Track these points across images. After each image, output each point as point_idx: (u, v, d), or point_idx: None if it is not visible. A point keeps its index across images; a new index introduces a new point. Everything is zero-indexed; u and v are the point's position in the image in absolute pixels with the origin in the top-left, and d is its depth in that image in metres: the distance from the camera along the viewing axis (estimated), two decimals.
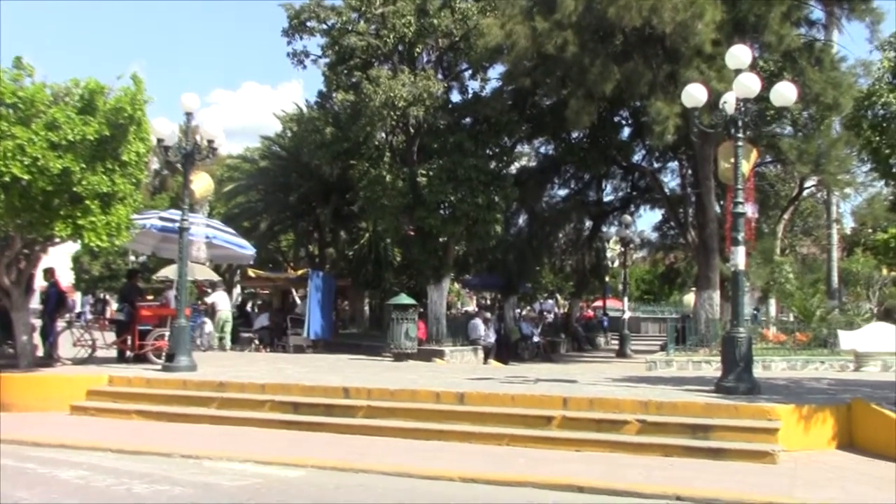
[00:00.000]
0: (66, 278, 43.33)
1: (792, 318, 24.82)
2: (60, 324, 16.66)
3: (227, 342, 22.49)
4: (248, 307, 30.91)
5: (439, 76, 23.35)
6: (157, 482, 8.12)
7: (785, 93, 12.14)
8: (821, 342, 19.11)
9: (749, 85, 11.78)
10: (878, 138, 11.64)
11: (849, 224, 40.89)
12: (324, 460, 9.05)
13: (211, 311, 22.55)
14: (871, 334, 17.07)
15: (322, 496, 7.66)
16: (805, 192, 32.42)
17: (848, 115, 13.69)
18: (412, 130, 22.92)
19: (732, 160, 12.07)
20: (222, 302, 23.25)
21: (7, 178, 11.60)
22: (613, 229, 31.93)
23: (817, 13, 22.41)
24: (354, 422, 11.19)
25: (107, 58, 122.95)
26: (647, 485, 8.08)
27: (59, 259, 37.13)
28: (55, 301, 16.25)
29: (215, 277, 28.12)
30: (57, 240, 13.32)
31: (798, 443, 9.82)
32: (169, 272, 23.71)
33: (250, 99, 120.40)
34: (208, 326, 21.60)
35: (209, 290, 27.17)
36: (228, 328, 22.70)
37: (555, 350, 29.01)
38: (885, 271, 29.66)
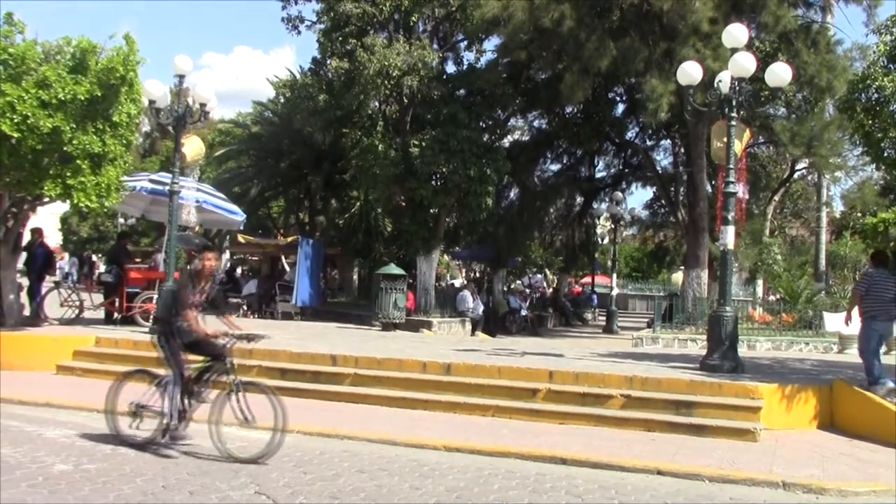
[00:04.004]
0: (53, 239, 43.27)
1: (776, 299, 24.97)
2: (47, 284, 16.61)
3: None
4: (237, 273, 30.86)
5: (434, 46, 23.21)
6: None
7: (780, 73, 12.16)
8: (806, 324, 19.26)
9: (744, 64, 11.78)
10: (870, 122, 11.67)
11: (838, 207, 41.10)
12: (309, 426, 9.09)
13: None
14: (856, 317, 17.17)
15: (307, 461, 7.71)
16: (796, 175, 32.55)
17: (841, 98, 13.69)
18: (406, 100, 22.80)
19: (725, 140, 12.10)
20: None
21: None
22: (604, 206, 31.93)
23: None
24: (341, 389, 11.25)
25: (97, 16, 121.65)
26: (629, 458, 8.17)
27: (47, 220, 37.05)
28: (42, 261, 16.19)
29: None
30: (46, 199, 13.25)
31: (779, 422, 9.94)
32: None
33: (242, 63, 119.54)
34: None
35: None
36: None
37: (542, 324, 29.13)
38: None
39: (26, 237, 15.24)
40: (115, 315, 16.15)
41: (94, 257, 43.01)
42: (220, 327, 7.99)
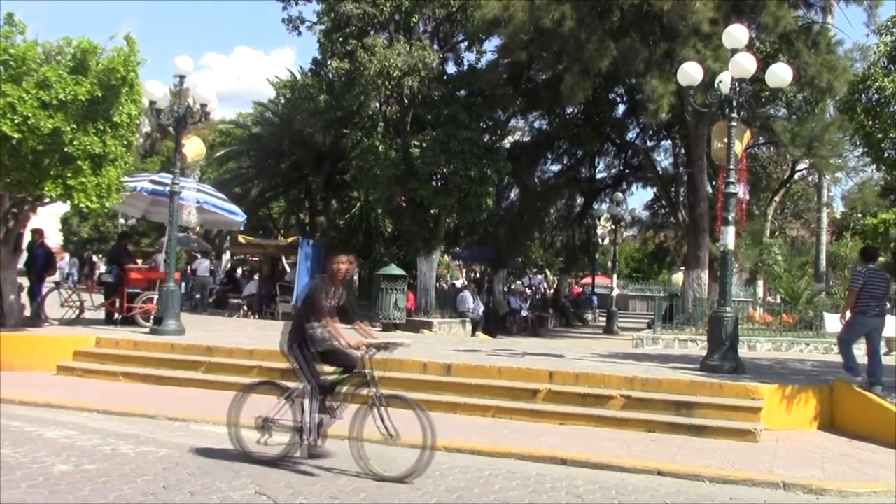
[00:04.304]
0: (54, 239, 43.28)
1: (779, 300, 24.95)
2: (48, 284, 16.62)
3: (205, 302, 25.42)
4: (238, 273, 30.87)
5: (435, 47, 23.22)
6: (143, 443, 8.16)
7: (780, 74, 12.16)
8: (806, 324, 19.25)
9: (745, 65, 11.79)
10: (870, 123, 11.67)
11: (839, 208, 41.06)
12: None
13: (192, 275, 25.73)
14: None
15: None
16: (796, 175, 32.54)
17: (842, 98, 13.69)
18: (406, 101, 22.80)
19: (725, 140, 12.11)
20: (202, 268, 26.30)
21: None
22: (605, 206, 31.95)
23: None
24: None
25: (98, 17, 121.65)
26: (629, 459, 8.17)
27: (48, 220, 37.05)
28: (43, 262, 16.19)
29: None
30: (46, 200, 13.26)
31: (780, 422, 9.94)
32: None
33: (243, 64, 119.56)
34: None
35: (198, 256, 27.46)
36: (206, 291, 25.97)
37: (542, 325, 29.13)
38: None
39: (27, 238, 15.24)
40: (116, 315, 16.13)
41: (95, 258, 43.06)
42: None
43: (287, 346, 7.48)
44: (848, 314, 10.77)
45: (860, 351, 10.90)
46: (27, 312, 14.91)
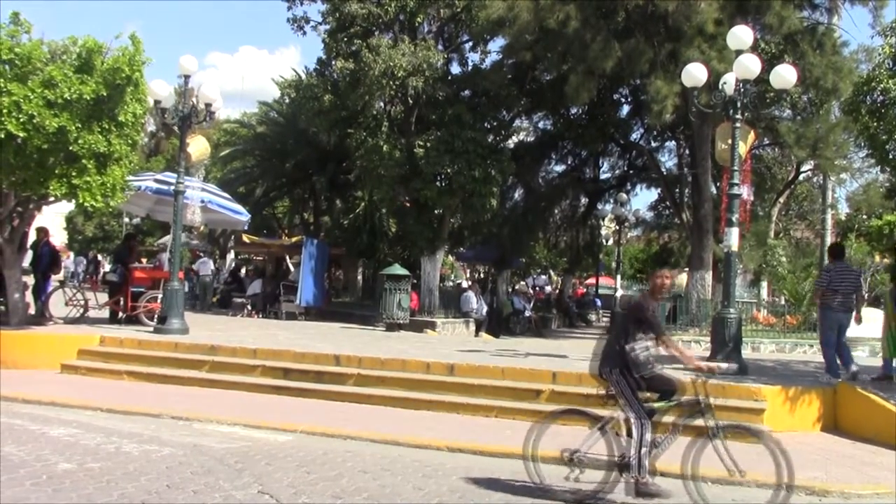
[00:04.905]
0: (59, 238, 43.40)
1: (783, 302, 24.93)
2: (53, 283, 16.66)
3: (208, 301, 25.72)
4: (242, 273, 30.93)
5: (440, 47, 23.21)
6: (146, 442, 8.18)
7: (785, 75, 12.15)
8: (811, 326, 19.22)
9: (749, 66, 11.78)
10: (875, 124, 11.65)
11: (843, 209, 40.94)
12: (313, 426, 9.12)
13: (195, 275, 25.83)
14: (865, 317, 17.16)
15: (310, 461, 7.72)
16: (801, 177, 32.48)
17: (847, 100, 13.67)
18: (411, 101, 22.80)
19: (730, 141, 12.10)
20: (204, 268, 26.22)
21: (2, 135, 11.53)
22: (609, 207, 31.87)
23: None
24: (344, 389, 11.26)
25: (103, 17, 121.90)
26: None
27: (53, 219, 37.16)
28: (48, 260, 16.23)
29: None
30: (51, 199, 13.29)
31: (783, 424, 9.93)
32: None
33: (248, 63, 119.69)
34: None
35: (202, 255, 27.62)
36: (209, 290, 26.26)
37: (546, 325, 29.07)
38: (877, 258, 29.76)
39: (32, 236, 15.29)
40: (120, 314, 16.17)
41: (100, 257, 43.18)
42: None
43: (605, 369, 6.80)
44: (863, 317, 11.20)
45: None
46: (32, 311, 14.95)
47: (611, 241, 36.58)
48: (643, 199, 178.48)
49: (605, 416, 6.80)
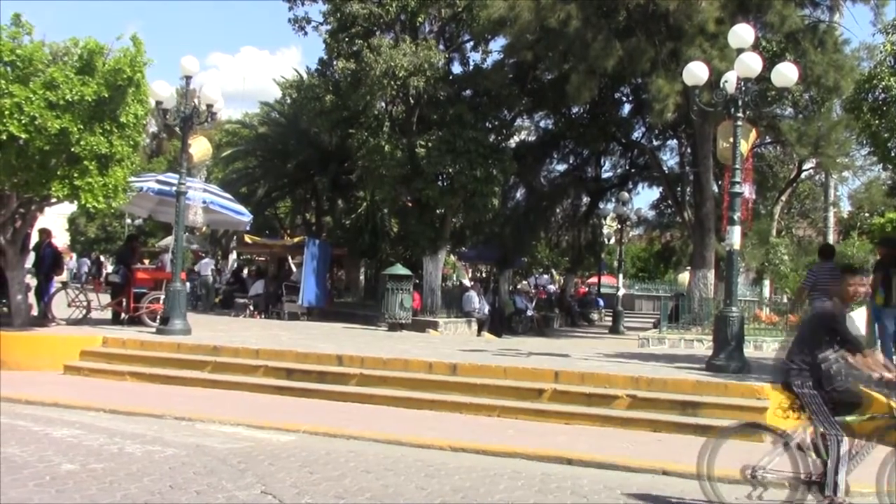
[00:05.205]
0: (61, 239, 43.42)
1: (785, 300, 24.89)
2: (55, 284, 16.68)
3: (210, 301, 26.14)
4: (244, 273, 30.94)
5: (441, 47, 23.20)
6: (149, 443, 8.19)
7: (786, 73, 12.14)
8: None
9: (751, 64, 11.77)
10: (877, 122, 11.67)
11: (846, 208, 40.96)
12: (315, 426, 9.13)
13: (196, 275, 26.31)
14: (862, 318, 17.16)
15: (312, 461, 7.72)
16: (803, 175, 32.41)
17: (848, 97, 13.67)
18: (412, 101, 22.80)
19: (731, 140, 12.09)
20: (204, 268, 26.83)
21: (4, 137, 11.56)
22: (611, 206, 31.89)
23: None
24: (347, 389, 11.27)
25: (104, 18, 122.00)
26: (634, 459, 8.17)
27: (55, 220, 37.19)
28: (50, 261, 16.25)
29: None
30: (53, 200, 13.32)
31: (786, 422, 9.89)
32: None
33: (249, 64, 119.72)
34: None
35: (203, 256, 27.70)
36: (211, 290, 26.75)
37: (548, 325, 29.10)
38: (879, 256, 29.76)
39: (34, 238, 15.31)
40: (123, 315, 16.18)
41: (102, 258, 43.21)
42: None
43: (795, 382, 6.30)
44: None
45: None
46: (34, 312, 14.97)
47: (613, 241, 36.66)
48: (645, 197, 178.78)
49: (789, 433, 6.36)
